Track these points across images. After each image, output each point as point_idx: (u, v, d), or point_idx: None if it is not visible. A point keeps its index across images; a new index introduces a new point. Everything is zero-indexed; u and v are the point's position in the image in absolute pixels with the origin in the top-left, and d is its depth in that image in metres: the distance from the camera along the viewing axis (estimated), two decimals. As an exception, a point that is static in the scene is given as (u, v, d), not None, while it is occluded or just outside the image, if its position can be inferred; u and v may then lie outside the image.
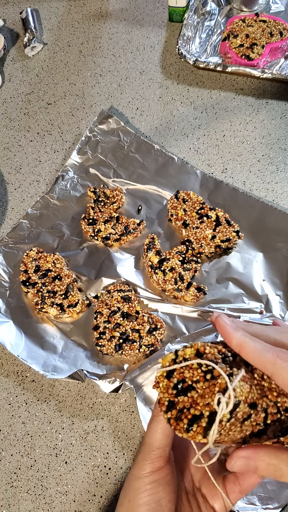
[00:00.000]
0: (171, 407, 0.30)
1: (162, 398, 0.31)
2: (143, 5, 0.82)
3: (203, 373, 0.30)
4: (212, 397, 0.28)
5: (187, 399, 0.30)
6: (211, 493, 0.33)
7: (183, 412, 0.29)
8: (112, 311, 0.53)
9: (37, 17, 0.82)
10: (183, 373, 0.31)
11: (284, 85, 0.69)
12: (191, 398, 0.29)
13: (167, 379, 0.31)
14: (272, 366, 0.28)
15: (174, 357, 0.31)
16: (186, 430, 0.29)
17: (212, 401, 0.28)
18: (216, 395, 0.28)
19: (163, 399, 0.30)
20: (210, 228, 0.57)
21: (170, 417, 0.30)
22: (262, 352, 0.28)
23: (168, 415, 0.30)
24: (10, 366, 0.54)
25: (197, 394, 0.29)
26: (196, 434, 0.29)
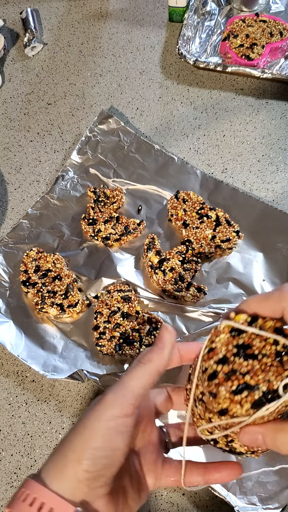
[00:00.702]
0: (224, 362, 0.29)
1: (218, 348, 0.30)
2: (143, 5, 0.82)
3: (276, 352, 0.29)
4: (278, 379, 0.28)
5: (246, 365, 0.29)
6: (149, 467, 0.33)
7: (236, 374, 0.28)
8: (112, 311, 0.53)
9: (37, 17, 0.82)
10: (252, 340, 0.30)
11: (284, 85, 0.69)
12: (251, 367, 0.29)
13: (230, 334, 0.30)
14: None
15: (249, 320, 0.31)
16: (233, 392, 0.28)
17: (277, 382, 0.28)
18: (285, 379, 0.27)
19: (218, 349, 0.29)
20: (210, 228, 0.57)
21: (218, 370, 0.29)
22: None
23: (218, 368, 0.29)
24: (10, 366, 0.54)
25: (259, 366, 0.29)
26: (242, 401, 0.28)
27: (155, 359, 0.31)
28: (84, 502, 0.27)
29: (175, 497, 0.46)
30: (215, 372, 0.29)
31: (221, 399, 0.29)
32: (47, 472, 0.28)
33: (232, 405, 0.29)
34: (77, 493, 0.27)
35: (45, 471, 0.28)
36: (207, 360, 0.30)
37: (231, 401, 0.29)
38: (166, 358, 0.31)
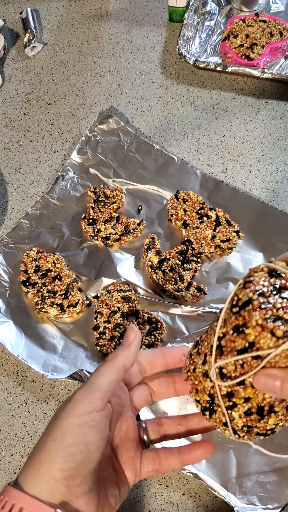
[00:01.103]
0: (260, 294, 0.28)
1: (255, 281, 0.28)
2: (143, 5, 0.82)
3: None
4: None
5: (281, 302, 0.27)
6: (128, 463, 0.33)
7: (271, 307, 0.27)
8: (112, 311, 0.53)
9: (37, 17, 0.82)
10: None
11: (284, 85, 0.69)
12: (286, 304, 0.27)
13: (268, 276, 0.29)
14: None
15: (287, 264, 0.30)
16: (266, 320, 0.26)
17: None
18: None
19: (256, 282, 0.28)
20: (210, 228, 0.57)
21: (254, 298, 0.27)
22: None
23: (254, 296, 0.27)
24: (10, 366, 0.54)
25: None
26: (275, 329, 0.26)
27: (120, 355, 0.32)
28: (63, 503, 0.28)
29: (175, 497, 0.46)
30: (249, 300, 0.28)
31: (252, 328, 0.27)
32: (24, 476, 0.28)
33: (262, 334, 0.27)
34: (56, 494, 0.27)
35: (22, 476, 0.28)
36: (242, 290, 0.28)
37: (263, 329, 0.27)
38: (132, 354, 0.32)
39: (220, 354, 0.30)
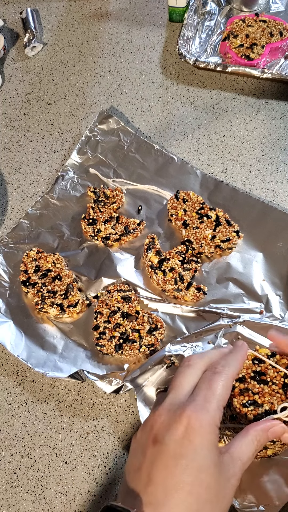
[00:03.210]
0: (242, 381, 0.38)
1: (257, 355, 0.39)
2: (143, 5, 0.82)
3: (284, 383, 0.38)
4: (279, 403, 0.37)
5: (258, 387, 0.38)
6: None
7: (249, 392, 0.38)
8: (112, 311, 0.53)
9: (37, 17, 0.82)
10: (268, 370, 0.39)
11: (284, 85, 0.69)
12: (261, 389, 0.38)
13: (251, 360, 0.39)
14: None
15: (270, 354, 0.40)
16: (243, 405, 0.37)
17: (277, 405, 0.37)
18: (284, 404, 0.37)
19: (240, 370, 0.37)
20: (210, 228, 0.57)
21: (236, 385, 0.38)
22: None
23: (236, 384, 0.38)
24: (10, 366, 0.54)
25: (267, 390, 0.38)
26: (248, 413, 0.37)
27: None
28: None
29: (175, 497, 0.46)
30: (233, 386, 0.37)
31: (233, 408, 0.37)
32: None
33: (240, 414, 0.37)
34: None
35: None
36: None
37: (240, 411, 0.37)
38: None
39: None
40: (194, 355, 0.35)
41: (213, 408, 0.30)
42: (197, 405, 0.30)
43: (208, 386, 0.31)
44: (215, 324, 0.51)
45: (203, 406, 0.30)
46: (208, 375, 0.33)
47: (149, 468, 0.29)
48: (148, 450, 0.30)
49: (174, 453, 0.28)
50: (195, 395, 0.31)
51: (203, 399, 0.30)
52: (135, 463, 0.30)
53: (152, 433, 0.30)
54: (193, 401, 0.30)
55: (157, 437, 0.29)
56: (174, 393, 0.32)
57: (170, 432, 0.29)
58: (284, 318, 0.52)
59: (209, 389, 0.31)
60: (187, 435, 0.28)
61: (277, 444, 0.40)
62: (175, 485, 0.27)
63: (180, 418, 0.29)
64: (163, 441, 0.29)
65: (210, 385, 0.32)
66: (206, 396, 0.31)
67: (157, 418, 0.31)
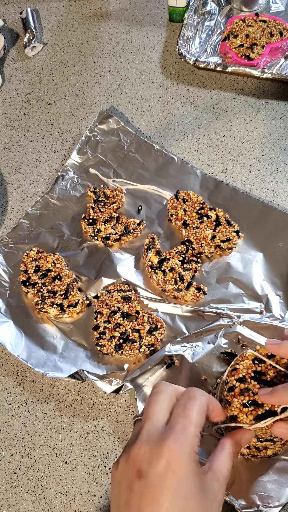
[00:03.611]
0: (242, 381, 0.38)
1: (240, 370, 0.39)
2: (143, 5, 0.82)
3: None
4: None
5: (258, 387, 0.37)
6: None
7: (249, 392, 0.37)
8: (112, 311, 0.53)
9: (37, 17, 0.82)
10: (268, 370, 0.38)
11: (284, 85, 0.69)
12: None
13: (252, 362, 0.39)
14: None
15: (270, 354, 0.39)
16: (243, 405, 0.37)
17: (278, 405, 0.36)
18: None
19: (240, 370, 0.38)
20: (210, 228, 0.57)
21: (236, 385, 0.38)
22: None
23: (236, 384, 0.38)
24: (10, 366, 0.54)
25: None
26: (248, 413, 0.37)
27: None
28: None
29: (175, 497, 0.46)
30: (233, 386, 0.38)
31: (233, 407, 0.38)
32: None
33: (240, 414, 0.37)
34: None
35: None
36: (230, 376, 0.39)
37: (240, 411, 0.37)
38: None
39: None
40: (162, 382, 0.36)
41: (191, 435, 0.31)
42: (176, 435, 0.30)
43: (184, 414, 0.32)
44: (215, 324, 0.51)
45: (182, 435, 0.30)
46: (183, 400, 0.33)
47: (138, 502, 0.29)
48: (134, 485, 0.30)
49: (160, 486, 0.29)
50: (173, 424, 0.31)
51: (181, 427, 0.31)
52: (123, 497, 0.31)
53: (135, 467, 0.30)
54: (172, 432, 0.31)
55: (141, 471, 0.30)
56: (151, 423, 0.32)
57: (153, 465, 0.30)
58: (284, 318, 0.52)
59: (185, 417, 0.31)
60: (170, 466, 0.29)
61: (277, 444, 0.40)
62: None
63: (161, 450, 0.30)
64: (147, 475, 0.30)
65: (186, 412, 0.32)
66: (184, 424, 0.31)
67: (138, 451, 0.31)
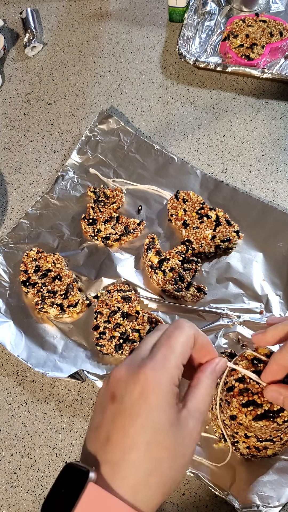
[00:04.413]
0: (241, 381, 0.37)
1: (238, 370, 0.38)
2: (143, 5, 0.82)
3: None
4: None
5: (257, 387, 0.37)
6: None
7: (248, 392, 0.37)
8: (112, 311, 0.53)
9: (37, 17, 0.82)
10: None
11: (284, 85, 0.69)
12: (260, 389, 0.37)
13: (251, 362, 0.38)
14: None
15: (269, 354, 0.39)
16: (242, 405, 0.37)
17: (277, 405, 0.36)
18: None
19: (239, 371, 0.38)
20: (210, 228, 0.57)
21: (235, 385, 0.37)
22: None
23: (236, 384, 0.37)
24: (10, 366, 0.54)
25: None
26: (248, 412, 0.37)
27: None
28: None
29: (175, 497, 0.46)
30: (232, 386, 0.38)
31: (233, 407, 0.38)
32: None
33: (239, 414, 0.37)
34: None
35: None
36: (229, 376, 0.39)
37: (239, 410, 0.37)
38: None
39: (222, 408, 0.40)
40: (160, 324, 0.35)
41: (171, 366, 0.30)
42: (155, 362, 0.29)
43: (168, 343, 0.31)
44: (215, 324, 0.52)
45: (161, 364, 0.29)
46: (169, 330, 0.32)
47: (108, 427, 0.29)
48: (107, 408, 0.30)
49: (130, 413, 0.28)
50: (155, 351, 0.30)
51: (162, 356, 0.30)
52: (96, 420, 0.31)
53: (111, 390, 0.30)
54: (152, 359, 0.30)
55: (115, 395, 0.30)
56: (137, 350, 0.32)
57: (128, 390, 0.29)
58: (284, 318, 0.52)
59: (168, 347, 0.30)
60: (144, 394, 0.28)
61: (277, 444, 0.40)
62: (132, 445, 0.28)
63: (138, 376, 0.29)
64: (121, 400, 0.29)
65: (169, 341, 0.31)
66: (165, 353, 0.30)
67: (117, 374, 0.31)
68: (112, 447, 0.28)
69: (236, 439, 0.41)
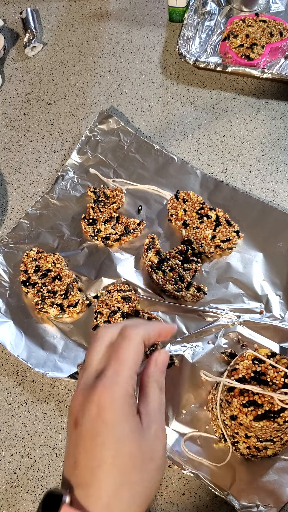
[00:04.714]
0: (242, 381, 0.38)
1: (239, 370, 0.39)
2: (143, 5, 0.82)
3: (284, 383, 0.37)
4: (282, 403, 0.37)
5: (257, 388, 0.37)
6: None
7: (248, 392, 0.37)
8: (112, 311, 0.53)
9: (37, 17, 0.82)
10: (268, 370, 0.38)
11: (284, 85, 0.69)
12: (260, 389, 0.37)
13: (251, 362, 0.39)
14: None
15: (270, 354, 0.39)
16: (243, 405, 0.37)
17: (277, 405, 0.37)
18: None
19: (240, 370, 0.39)
20: (210, 228, 0.57)
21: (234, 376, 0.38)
22: None
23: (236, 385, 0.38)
24: (10, 366, 0.54)
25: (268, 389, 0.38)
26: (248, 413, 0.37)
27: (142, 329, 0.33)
28: None
29: (175, 497, 0.46)
30: (233, 387, 0.38)
31: (233, 407, 0.38)
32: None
33: (240, 414, 0.37)
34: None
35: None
36: (230, 377, 0.39)
37: (240, 411, 0.37)
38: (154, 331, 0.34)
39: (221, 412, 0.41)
40: (104, 326, 0.34)
41: (123, 379, 0.30)
42: (106, 380, 0.30)
43: (116, 356, 0.31)
44: (215, 324, 0.52)
45: (113, 381, 0.30)
46: (117, 341, 0.32)
47: (74, 452, 0.30)
48: (72, 434, 0.30)
49: (91, 434, 0.29)
50: (105, 369, 0.31)
51: (113, 372, 0.30)
52: (67, 449, 0.31)
53: (73, 417, 0.31)
54: (103, 378, 0.30)
55: (77, 420, 0.30)
56: (87, 372, 0.32)
57: (85, 413, 0.29)
58: (284, 318, 0.52)
59: (117, 360, 0.30)
60: (100, 414, 0.29)
61: (277, 444, 0.40)
62: (98, 464, 0.28)
63: (92, 397, 0.29)
64: (81, 423, 0.29)
65: (118, 355, 0.31)
66: (115, 368, 0.30)
67: (75, 401, 0.31)
68: (80, 470, 0.29)
69: (236, 439, 0.41)
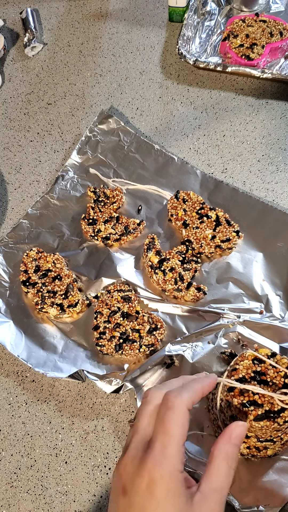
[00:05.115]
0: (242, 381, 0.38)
1: (239, 370, 0.39)
2: (143, 5, 0.82)
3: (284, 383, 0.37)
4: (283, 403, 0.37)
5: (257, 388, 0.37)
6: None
7: (248, 392, 0.37)
8: (112, 311, 0.53)
9: (37, 17, 0.82)
10: (268, 370, 0.39)
11: (284, 85, 0.69)
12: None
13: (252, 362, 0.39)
14: None
15: (270, 354, 0.39)
16: (243, 405, 0.37)
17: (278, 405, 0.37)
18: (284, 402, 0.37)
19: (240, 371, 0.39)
20: (210, 228, 0.57)
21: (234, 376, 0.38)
22: None
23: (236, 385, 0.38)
24: (10, 366, 0.54)
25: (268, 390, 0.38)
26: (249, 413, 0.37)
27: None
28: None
29: (175, 497, 0.46)
30: (233, 387, 0.38)
31: (233, 407, 0.38)
32: None
33: (240, 414, 0.37)
34: None
35: None
36: (230, 377, 0.39)
37: (240, 411, 0.37)
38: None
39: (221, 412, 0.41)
40: (153, 388, 0.34)
41: (172, 454, 0.30)
42: (155, 456, 0.30)
43: (163, 430, 0.31)
44: (215, 324, 0.51)
45: (162, 455, 0.30)
46: (162, 412, 0.32)
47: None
48: (120, 500, 0.31)
49: (139, 507, 0.30)
50: (153, 442, 0.31)
51: (160, 446, 0.31)
52: (113, 508, 0.32)
53: (121, 483, 0.31)
54: (152, 452, 0.30)
55: (125, 488, 0.31)
56: (136, 439, 0.32)
57: (135, 484, 0.30)
58: (284, 318, 0.52)
59: (164, 433, 0.31)
60: (149, 488, 0.29)
61: (277, 444, 0.40)
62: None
63: (142, 471, 0.30)
64: (130, 494, 0.30)
65: (164, 427, 0.31)
66: (163, 442, 0.31)
67: (124, 468, 0.32)
68: None
69: None
